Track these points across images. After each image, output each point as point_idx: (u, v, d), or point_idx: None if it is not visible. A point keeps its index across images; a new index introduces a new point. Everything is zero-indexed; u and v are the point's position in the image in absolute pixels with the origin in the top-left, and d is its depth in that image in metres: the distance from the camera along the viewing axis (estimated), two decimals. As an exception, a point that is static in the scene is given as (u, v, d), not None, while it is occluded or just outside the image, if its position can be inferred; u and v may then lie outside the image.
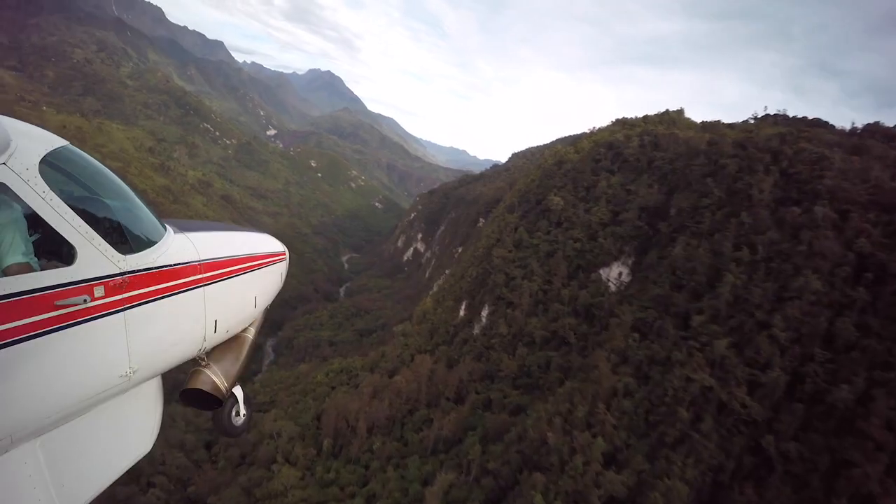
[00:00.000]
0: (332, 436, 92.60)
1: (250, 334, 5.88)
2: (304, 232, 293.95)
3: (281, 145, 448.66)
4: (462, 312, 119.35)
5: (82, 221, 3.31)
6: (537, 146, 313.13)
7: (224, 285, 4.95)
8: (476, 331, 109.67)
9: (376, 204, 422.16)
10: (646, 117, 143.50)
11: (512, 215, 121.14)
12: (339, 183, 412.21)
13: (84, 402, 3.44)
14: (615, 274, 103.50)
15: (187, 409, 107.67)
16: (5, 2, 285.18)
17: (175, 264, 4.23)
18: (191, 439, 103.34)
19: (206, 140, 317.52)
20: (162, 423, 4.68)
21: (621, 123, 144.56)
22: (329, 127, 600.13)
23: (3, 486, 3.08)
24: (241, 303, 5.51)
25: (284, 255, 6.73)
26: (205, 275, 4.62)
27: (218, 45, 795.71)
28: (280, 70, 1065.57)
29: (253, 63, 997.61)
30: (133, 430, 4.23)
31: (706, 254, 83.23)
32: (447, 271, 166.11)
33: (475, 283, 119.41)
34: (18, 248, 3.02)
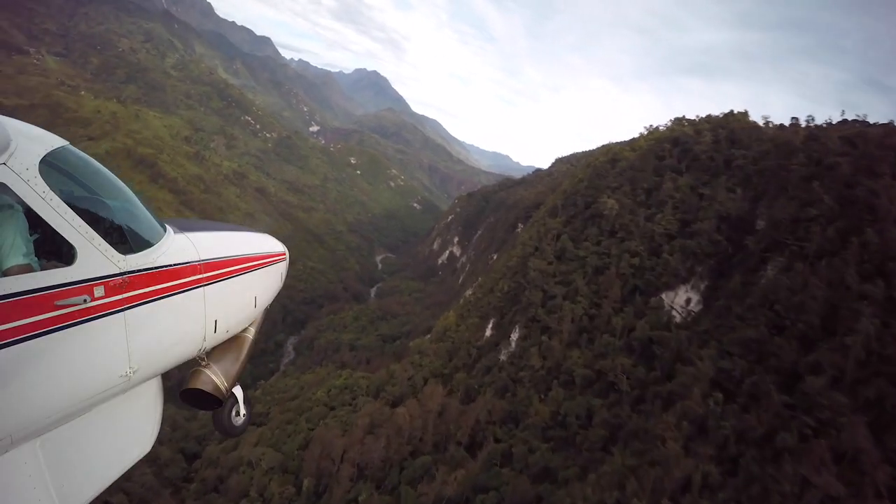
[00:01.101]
0: (315, 475, 76.12)
1: (250, 334, 5.77)
2: (338, 229, 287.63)
3: (323, 141, 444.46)
4: (488, 332, 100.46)
5: (82, 221, 3.27)
6: (583, 151, 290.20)
7: (224, 285, 4.90)
8: (503, 357, 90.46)
9: (415, 204, 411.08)
10: (709, 117, 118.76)
11: (554, 220, 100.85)
12: (379, 181, 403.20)
13: (84, 402, 3.40)
14: (682, 300, 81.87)
15: (177, 412, 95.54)
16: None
17: (175, 264, 4.18)
18: (166, 453, 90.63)
19: (245, 132, 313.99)
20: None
21: (681, 122, 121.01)
22: (372, 126, 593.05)
23: (3, 486, 3.06)
24: (241, 303, 5.46)
25: (284, 255, 6.54)
26: (205, 275, 4.56)
27: (265, 42, 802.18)
28: (327, 68, 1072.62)
29: (300, 60, 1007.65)
30: (133, 431, 4.19)
31: (819, 284, 60.74)
32: (479, 279, 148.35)
33: (506, 299, 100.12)
34: (19, 249, 2.98)
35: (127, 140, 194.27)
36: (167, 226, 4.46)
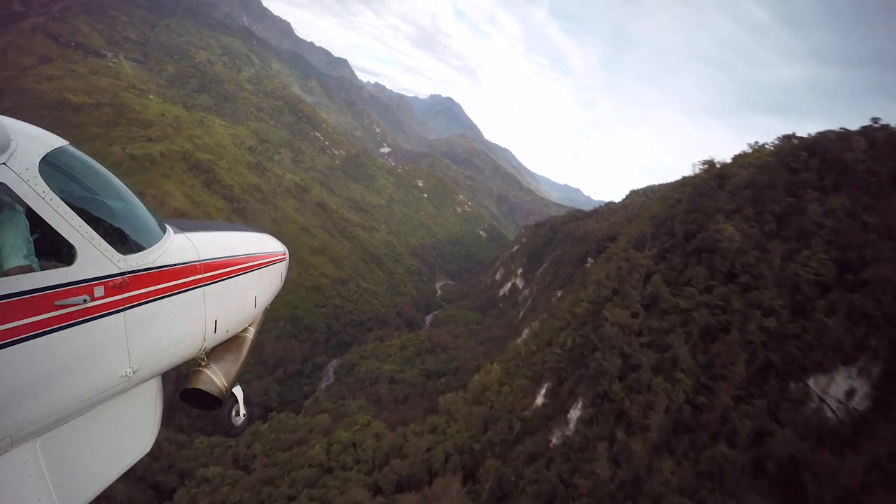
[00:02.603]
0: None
1: (250, 334, 5.76)
2: (399, 252, 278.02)
3: (392, 163, 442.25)
4: (539, 400, 74.06)
5: (82, 221, 3.27)
6: (659, 185, 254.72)
7: (224, 285, 4.90)
8: (555, 440, 63.76)
9: (481, 232, 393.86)
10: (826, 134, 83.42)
11: (641, 254, 72.98)
12: (445, 206, 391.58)
13: (84, 402, 3.38)
14: (840, 391, 51.47)
15: (169, 435, 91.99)
16: (139, 2, 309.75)
17: (175, 264, 4.18)
18: (122, 490, 74.40)
19: (313, 148, 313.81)
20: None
21: (789, 139, 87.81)
22: (444, 151, 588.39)
23: (3, 486, 3.05)
24: (241, 303, 5.43)
25: (284, 255, 6.53)
26: (205, 275, 4.56)
27: (342, 63, 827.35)
28: (402, 92, 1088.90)
29: (376, 83, 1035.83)
30: (133, 431, 4.16)
31: None
32: (536, 322, 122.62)
33: (568, 359, 73.34)
34: (20, 251, 2.98)
35: (186, 144, 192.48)
36: (167, 226, 4.40)
